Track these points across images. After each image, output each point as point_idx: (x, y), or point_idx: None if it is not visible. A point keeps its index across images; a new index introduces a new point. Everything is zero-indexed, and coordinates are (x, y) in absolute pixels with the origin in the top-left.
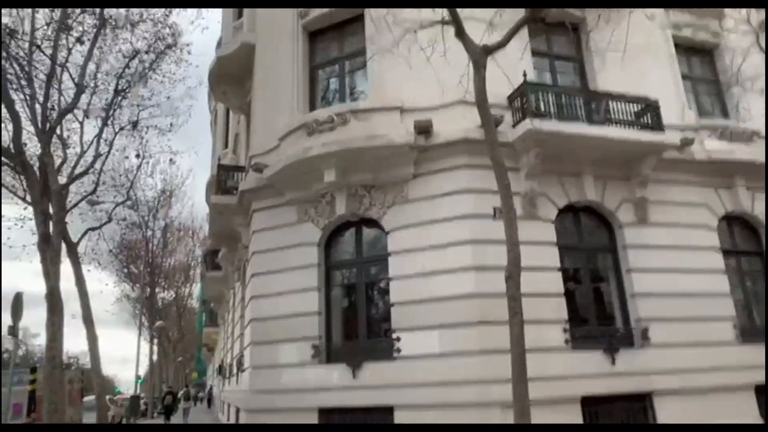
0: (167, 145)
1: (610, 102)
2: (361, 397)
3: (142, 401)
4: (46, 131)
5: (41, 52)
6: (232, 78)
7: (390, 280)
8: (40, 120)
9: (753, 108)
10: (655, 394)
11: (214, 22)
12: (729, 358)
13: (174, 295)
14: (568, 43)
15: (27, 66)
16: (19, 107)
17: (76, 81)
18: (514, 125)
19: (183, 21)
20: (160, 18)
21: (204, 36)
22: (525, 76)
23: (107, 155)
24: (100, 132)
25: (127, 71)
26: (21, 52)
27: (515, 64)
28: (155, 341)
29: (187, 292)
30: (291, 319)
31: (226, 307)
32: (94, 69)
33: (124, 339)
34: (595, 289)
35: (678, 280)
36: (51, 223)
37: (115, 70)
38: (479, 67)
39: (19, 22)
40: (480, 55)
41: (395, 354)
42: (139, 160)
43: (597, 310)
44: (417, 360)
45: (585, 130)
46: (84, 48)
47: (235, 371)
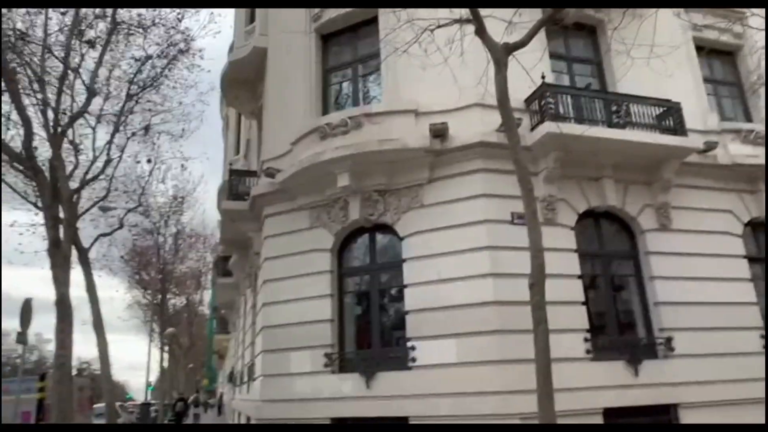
0: (179, 150)
1: (631, 104)
2: (375, 408)
3: (153, 408)
4: (57, 134)
5: (53, 56)
6: (244, 82)
7: (405, 287)
8: (52, 125)
9: None
10: (681, 407)
11: (226, 26)
12: (756, 369)
13: (185, 302)
14: (585, 45)
15: (39, 70)
16: (30, 112)
17: (87, 85)
18: (532, 129)
19: (195, 26)
20: (172, 23)
21: (216, 40)
22: (543, 77)
23: (119, 161)
24: (112, 137)
25: (138, 76)
26: (35, 58)
27: (532, 66)
28: (166, 348)
29: (198, 298)
30: (303, 326)
31: (237, 314)
32: (107, 75)
33: (136, 345)
34: (616, 297)
35: (703, 288)
36: (61, 228)
37: (127, 76)
38: (501, 65)
39: (31, 26)
40: (501, 53)
41: (410, 363)
42: (151, 165)
43: (618, 319)
44: (433, 370)
45: (606, 133)
46: (96, 52)
47: (246, 379)
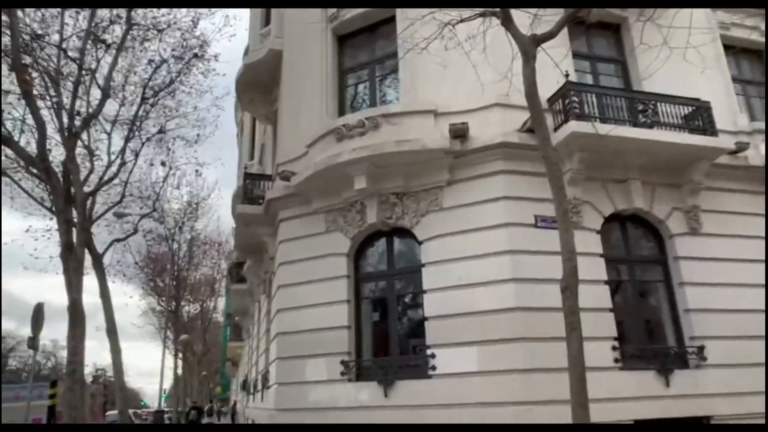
0: (194, 156)
1: (658, 104)
2: (393, 417)
3: (167, 416)
4: (71, 136)
5: (68, 58)
6: (259, 86)
7: (424, 292)
8: (66, 127)
9: None
10: (714, 419)
11: (241, 29)
12: None
13: (199, 309)
14: (609, 44)
15: (54, 73)
16: (45, 115)
17: (101, 86)
18: (556, 129)
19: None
20: (187, 27)
21: (231, 43)
22: (567, 76)
23: (134, 165)
24: (127, 139)
25: (153, 81)
26: (50, 63)
27: (555, 66)
28: (180, 355)
29: (212, 305)
30: (319, 333)
31: (250, 321)
32: (123, 80)
33: (150, 352)
34: (644, 303)
35: (736, 294)
36: (74, 233)
37: (142, 81)
38: (529, 57)
39: (46, 28)
40: (529, 45)
41: (430, 371)
42: (166, 170)
43: (647, 327)
44: (454, 378)
45: (632, 133)
46: (110, 56)
47: (259, 387)
